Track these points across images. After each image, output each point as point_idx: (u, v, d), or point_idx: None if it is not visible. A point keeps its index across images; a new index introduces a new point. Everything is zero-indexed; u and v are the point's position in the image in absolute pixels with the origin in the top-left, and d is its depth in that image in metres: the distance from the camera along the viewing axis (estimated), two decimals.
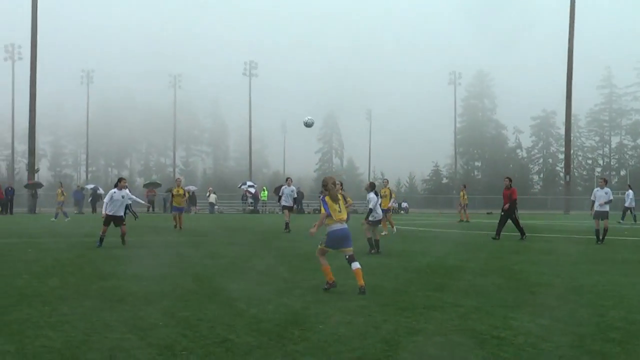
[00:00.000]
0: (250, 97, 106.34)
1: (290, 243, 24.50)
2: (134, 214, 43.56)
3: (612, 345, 8.39)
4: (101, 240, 21.84)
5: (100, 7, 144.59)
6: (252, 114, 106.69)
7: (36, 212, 58.10)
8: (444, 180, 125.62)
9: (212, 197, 70.19)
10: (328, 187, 12.71)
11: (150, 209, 68.15)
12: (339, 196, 13.05)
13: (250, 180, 77.46)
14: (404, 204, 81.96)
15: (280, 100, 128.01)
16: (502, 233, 27.88)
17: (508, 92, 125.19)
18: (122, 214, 22.49)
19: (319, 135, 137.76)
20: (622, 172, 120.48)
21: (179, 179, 38.05)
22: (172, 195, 34.06)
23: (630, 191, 48.32)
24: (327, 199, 12.62)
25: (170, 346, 8.09)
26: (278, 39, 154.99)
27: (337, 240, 12.67)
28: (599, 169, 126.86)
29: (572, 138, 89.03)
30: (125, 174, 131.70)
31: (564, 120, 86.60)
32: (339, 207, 12.66)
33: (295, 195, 21.36)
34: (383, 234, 27.70)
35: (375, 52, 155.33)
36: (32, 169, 63.90)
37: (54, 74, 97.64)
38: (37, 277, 14.20)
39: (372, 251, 20.27)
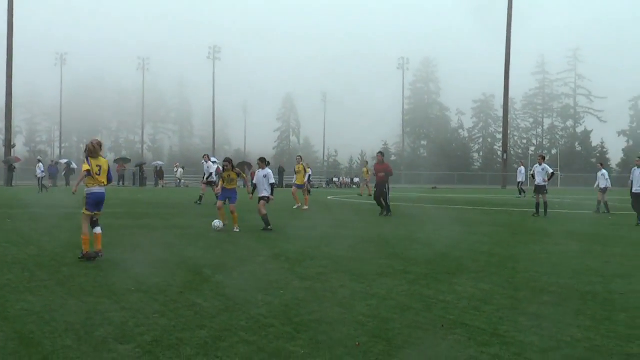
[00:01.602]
0: (214, 80, 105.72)
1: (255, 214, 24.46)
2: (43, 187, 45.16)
3: (546, 307, 8.52)
4: None
5: None
6: (215, 95, 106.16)
7: (13, 185, 57.13)
8: (393, 158, 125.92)
9: (179, 172, 69.74)
10: (89, 148, 12.12)
11: (121, 182, 67.51)
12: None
13: (214, 157, 77.00)
14: (357, 179, 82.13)
15: (242, 81, 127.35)
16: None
17: (451, 76, 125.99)
18: None
19: (277, 115, 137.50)
20: (554, 151, 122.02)
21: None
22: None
23: (522, 167, 49.32)
24: (96, 161, 11.99)
25: (142, 309, 8.03)
26: (241, 23, 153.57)
27: (95, 203, 12.11)
28: (532, 148, 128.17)
29: (509, 120, 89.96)
30: None
31: (502, 103, 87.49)
32: (100, 170, 11.98)
33: (272, 181, 18.84)
34: (302, 207, 28.11)
35: (331, 38, 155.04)
36: (8, 145, 62.84)
37: (30, 57, 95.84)
38: (15, 245, 14.00)
39: (269, 227, 18.28)
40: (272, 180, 19.01)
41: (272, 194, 18.87)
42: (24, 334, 6.85)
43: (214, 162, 31.38)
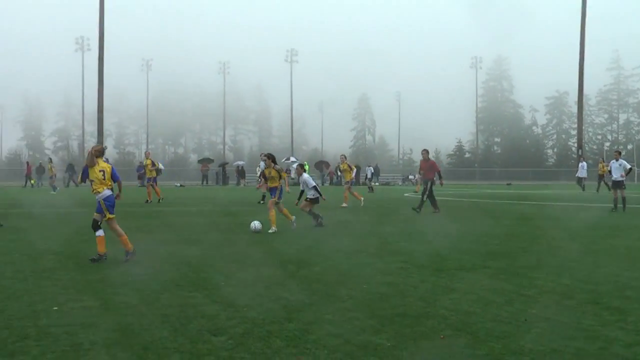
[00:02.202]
0: (291, 82, 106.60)
1: (330, 211, 24.54)
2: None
3: (630, 302, 8.31)
4: None
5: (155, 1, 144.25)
6: (292, 96, 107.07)
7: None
8: (467, 155, 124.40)
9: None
10: (89, 158, 11.84)
11: (205, 182, 68.56)
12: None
13: (293, 156, 77.76)
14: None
15: (318, 82, 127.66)
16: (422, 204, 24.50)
17: (524, 74, 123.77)
18: None
19: (353, 115, 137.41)
20: (629, 147, 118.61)
21: (148, 152, 35.50)
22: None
23: (584, 163, 47.91)
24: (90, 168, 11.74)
25: (232, 303, 8.15)
26: (316, 24, 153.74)
27: (112, 204, 11.84)
28: (607, 144, 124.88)
29: (583, 116, 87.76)
30: (180, 151, 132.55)
31: (576, 99, 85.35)
32: (104, 175, 11.72)
33: (313, 184, 19.02)
34: (343, 205, 27.43)
35: (403, 37, 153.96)
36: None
37: (118, 63, 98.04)
38: (110, 242, 14.36)
39: (319, 220, 18.25)
40: (312, 184, 18.98)
41: (319, 194, 18.88)
42: (123, 325, 7.04)
43: (292, 162, 31.54)
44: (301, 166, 19.56)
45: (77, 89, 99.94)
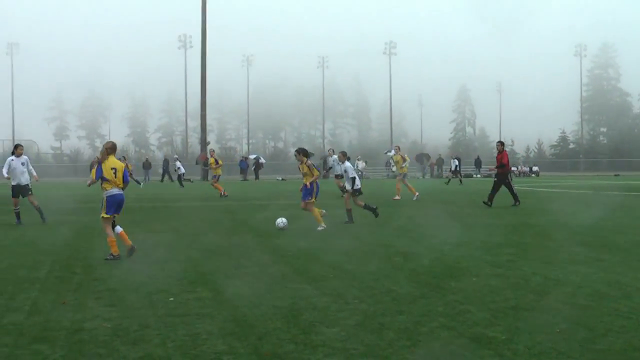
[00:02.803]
0: (390, 74, 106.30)
1: (445, 205, 24.34)
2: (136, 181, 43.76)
3: None
4: (17, 215, 17.79)
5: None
6: (392, 88, 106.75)
7: (208, 179, 59.75)
8: (571, 146, 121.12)
9: (361, 165, 70.39)
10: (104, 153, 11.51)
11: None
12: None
13: (393, 149, 77.36)
14: (535, 168, 79.81)
15: (418, 74, 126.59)
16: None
17: (633, 61, 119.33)
18: (26, 182, 17.89)
19: (452, 107, 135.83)
20: None
21: (212, 150, 36.25)
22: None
23: None
24: (102, 164, 11.42)
25: (342, 295, 8.21)
26: (414, 15, 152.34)
27: (116, 205, 11.50)
28: None
29: None
30: (280, 145, 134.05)
31: None
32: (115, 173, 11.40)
33: (352, 175, 17.28)
34: (396, 198, 26.82)
35: (501, 24, 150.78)
36: (204, 143, 65.92)
37: (220, 60, 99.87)
38: (220, 236, 14.68)
39: (349, 222, 17.08)
40: (352, 174, 17.32)
41: (353, 186, 17.20)
42: (238, 316, 7.18)
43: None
44: (343, 154, 18.54)
45: (180, 85, 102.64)
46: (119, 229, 11.51)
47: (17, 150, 17.85)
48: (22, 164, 17.58)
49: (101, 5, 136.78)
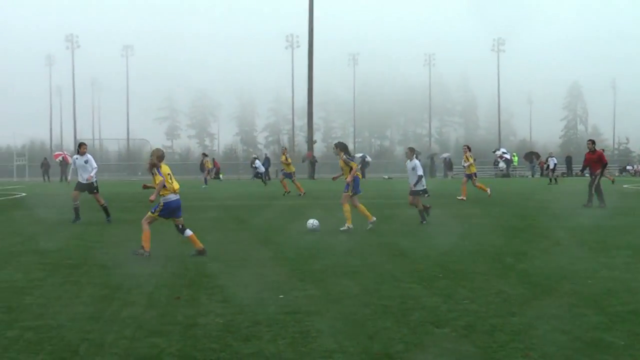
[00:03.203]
0: (498, 71, 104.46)
1: (544, 205, 23.72)
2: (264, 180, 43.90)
3: None
4: (76, 211, 17.80)
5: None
6: (500, 86, 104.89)
7: (315, 178, 60.25)
8: None
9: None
10: (153, 160, 11.62)
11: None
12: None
13: (503, 148, 76.06)
14: None
15: (527, 71, 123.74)
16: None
17: None
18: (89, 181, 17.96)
19: (563, 104, 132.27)
20: None
21: (285, 148, 35.96)
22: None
23: None
24: (161, 169, 11.55)
25: (451, 295, 8.11)
26: (523, 12, 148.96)
27: (170, 211, 11.66)
28: None
29: None
30: (386, 143, 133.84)
31: None
32: (171, 178, 11.64)
33: (420, 173, 17.00)
34: (460, 197, 25.99)
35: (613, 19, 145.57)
36: (310, 141, 66.55)
37: (326, 58, 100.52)
38: (327, 233, 14.73)
39: (424, 222, 16.64)
40: (420, 172, 16.94)
41: (416, 185, 16.83)
42: (347, 314, 7.20)
43: (504, 152, 30.46)
44: (411, 150, 17.65)
45: (287, 85, 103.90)
46: (188, 232, 11.69)
47: (81, 148, 18.31)
48: (86, 162, 18.00)
49: (211, 6, 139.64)
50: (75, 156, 18.56)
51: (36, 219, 18.89)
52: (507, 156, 67.78)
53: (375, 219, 15.50)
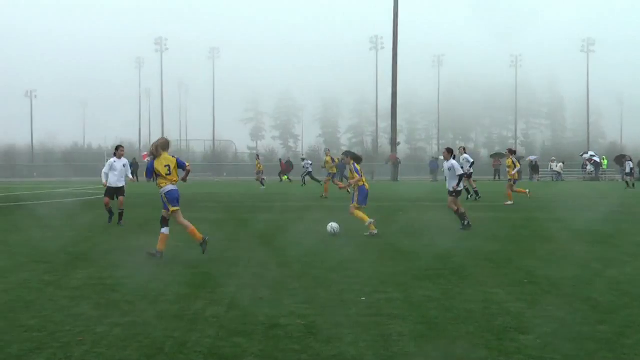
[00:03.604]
0: (587, 72, 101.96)
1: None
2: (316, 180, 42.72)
3: None
4: (109, 213, 17.97)
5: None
6: (589, 87, 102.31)
7: (398, 180, 60.04)
8: None
9: (558, 166, 67.85)
10: (154, 150, 11.66)
11: (497, 176, 67.54)
12: None
13: (591, 151, 74.08)
14: None
15: (617, 70, 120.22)
16: None
17: None
18: (123, 184, 18.04)
19: None
20: None
21: (328, 149, 35.37)
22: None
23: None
24: (155, 161, 11.57)
25: (537, 301, 7.94)
26: (613, 11, 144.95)
27: (173, 199, 11.58)
28: None
29: None
30: (470, 146, 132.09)
31: None
32: (169, 169, 11.55)
33: (459, 172, 16.49)
34: (508, 203, 25.15)
35: None
36: (394, 143, 66.29)
37: (410, 60, 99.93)
38: (407, 236, 14.64)
39: (465, 223, 16.05)
40: (460, 172, 16.38)
41: (458, 185, 16.26)
42: (428, 319, 7.12)
43: (592, 156, 29.60)
44: (448, 151, 16.93)
45: (371, 86, 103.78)
46: (166, 230, 11.64)
47: (118, 151, 18.07)
48: (124, 165, 18.03)
49: (295, 8, 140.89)
50: (112, 159, 18.03)
51: (124, 218, 19.37)
52: (596, 159, 65.97)
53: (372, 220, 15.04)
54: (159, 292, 8.50)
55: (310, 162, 48.13)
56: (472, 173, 27.37)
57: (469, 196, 26.62)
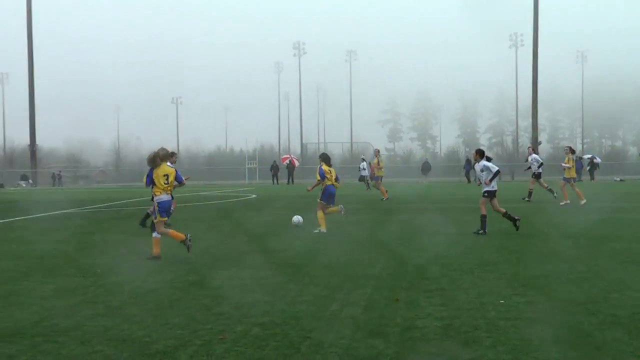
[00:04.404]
0: None
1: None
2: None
3: None
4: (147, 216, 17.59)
5: None
6: None
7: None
8: None
9: None
10: (154, 160, 11.99)
11: None
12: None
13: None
14: None
15: None
16: None
17: None
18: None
19: None
20: None
21: (377, 150, 34.15)
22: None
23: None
24: (154, 170, 11.96)
25: None
26: None
27: (166, 209, 12.13)
28: None
29: None
30: (618, 144, 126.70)
31: None
32: (167, 179, 11.98)
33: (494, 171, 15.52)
34: (563, 202, 23.96)
35: None
36: (535, 142, 64.64)
37: (551, 57, 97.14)
38: (556, 240, 14.20)
39: (480, 232, 15.04)
40: (494, 169, 15.31)
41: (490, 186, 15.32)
42: (572, 323, 6.85)
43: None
44: (477, 152, 16.10)
45: (510, 84, 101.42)
46: (157, 234, 11.99)
47: (172, 158, 17.98)
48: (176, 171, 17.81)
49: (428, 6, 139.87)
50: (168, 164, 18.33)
51: (264, 220, 19.84)
52: (597, 160, 61.76)
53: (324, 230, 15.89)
54: (296, 293, 8.61)
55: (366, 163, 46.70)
56: (540, 173, 26.58)
57: (555, 195, 25.61)
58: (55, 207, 26.90)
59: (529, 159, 26.71)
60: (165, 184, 11.97)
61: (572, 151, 26.39)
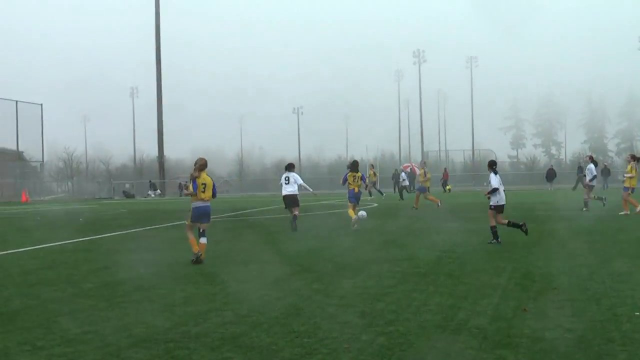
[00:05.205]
0: None
1: None
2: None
3: None
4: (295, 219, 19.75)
5: None
6: None
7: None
8: None
9: None
10: (193, 174, 13.04)
11: None
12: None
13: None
14: None
15: None
16: None
17: None
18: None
19: None
20: None
21: (423, 161, 35.99)
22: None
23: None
24: (199, 179, 13.00)
25: None
26: None
27: (197, 216, 13.06)
28: None
29: None
30: None
31: None
32: (204, 188, 13.00)
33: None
34: (622, 213, 22.26)
35: None
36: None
37: None
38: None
39: (494, 241, 14.89)
40: (494, 185, 15.01)
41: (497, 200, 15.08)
42: None
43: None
44: (489, 163, 15.91)
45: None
46: (204, 240, 12.99)
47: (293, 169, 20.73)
48: (287, 177, 20.15)
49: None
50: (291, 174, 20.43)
51: (387, 229, 19.83)
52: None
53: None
54: (422, 302, 8.55)
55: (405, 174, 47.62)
56: (592, 186, 25.75)
57: (605, 203, 25.58)
58: (182, 217, 27.75)
59: (586, 169, 25.93)
60: (201, 191, 13.00)
61: (636, 159, 24.57)
